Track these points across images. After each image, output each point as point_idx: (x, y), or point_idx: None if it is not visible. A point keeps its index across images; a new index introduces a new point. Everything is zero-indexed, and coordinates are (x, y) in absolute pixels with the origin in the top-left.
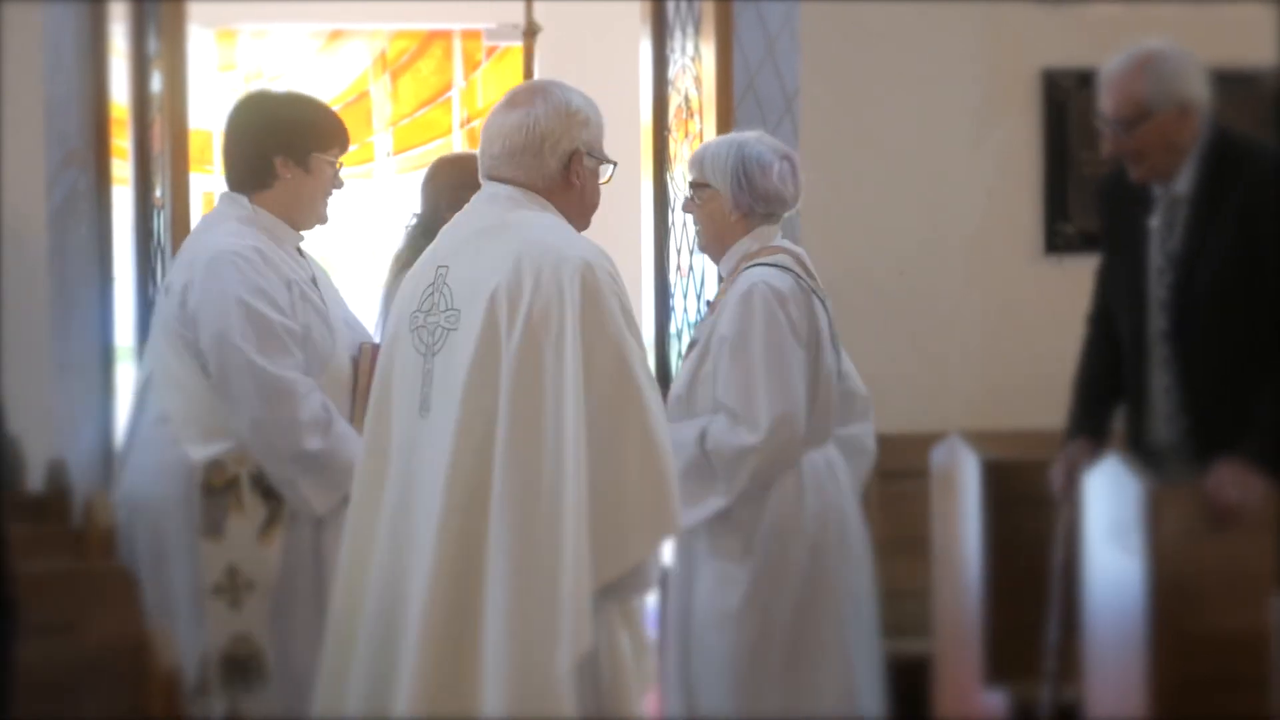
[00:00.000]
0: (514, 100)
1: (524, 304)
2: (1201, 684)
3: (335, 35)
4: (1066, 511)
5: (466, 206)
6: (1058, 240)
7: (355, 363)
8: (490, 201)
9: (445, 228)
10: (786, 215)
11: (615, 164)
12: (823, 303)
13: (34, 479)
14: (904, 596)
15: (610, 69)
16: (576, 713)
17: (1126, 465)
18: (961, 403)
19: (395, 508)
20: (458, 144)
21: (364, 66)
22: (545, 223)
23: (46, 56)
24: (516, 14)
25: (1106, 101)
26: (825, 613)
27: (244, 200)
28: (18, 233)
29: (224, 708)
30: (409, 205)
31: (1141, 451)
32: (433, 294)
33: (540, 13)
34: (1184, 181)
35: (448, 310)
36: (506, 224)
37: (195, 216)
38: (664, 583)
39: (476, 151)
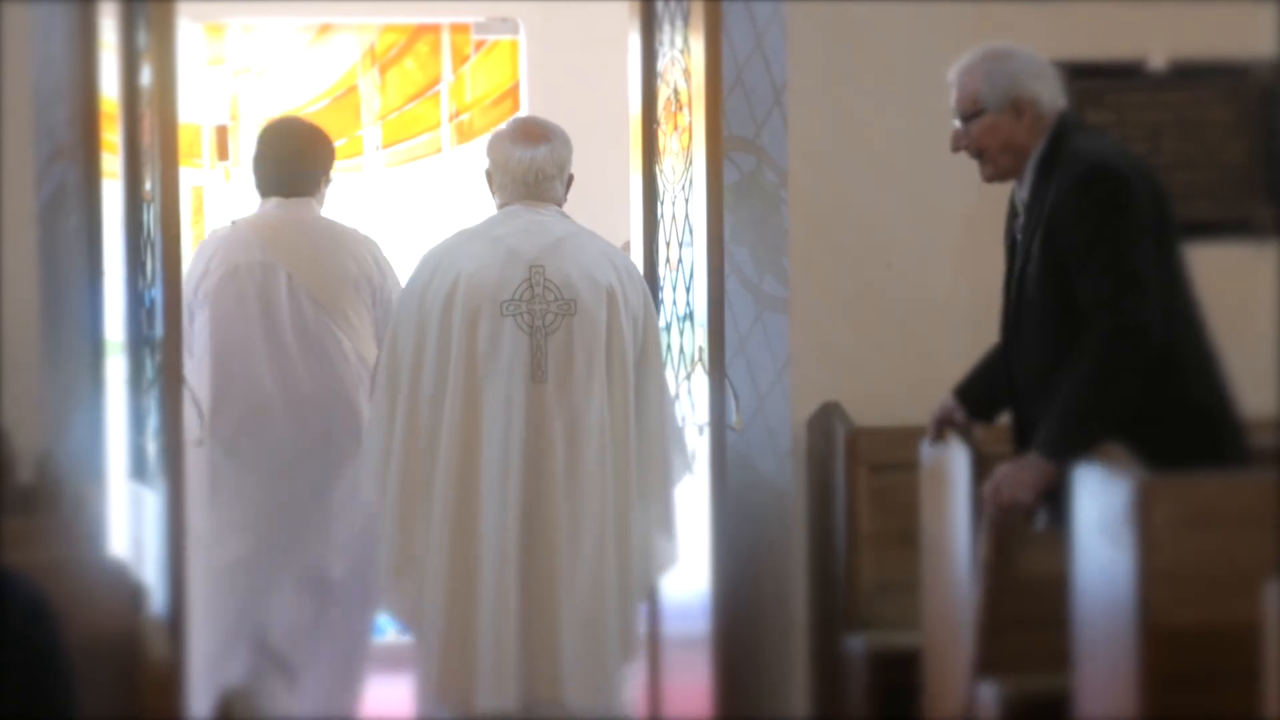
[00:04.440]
0: (531, 136)
1: (629, 301)
2: (1191, 678)
3: (324, 29)
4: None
5: (509, 221)
6: None
7: None
8: (544, 215)
9: (500, 235)
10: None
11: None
12: None
13: (24, 471)
14: (893, 589)
15: (599, 62)
16: None
17: (1116, 459)
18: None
19: (516, 458)
20: (446, 138)
21: (352, 60)
22: (595, 235)
23: (35, 51)
24: (505, 8)
25: (952, 96)
26: None
27: None
28: (7, 227)
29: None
30: (398, 198)
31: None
32: (530, 286)
33: (529, 6)
34: (1025, 188)
35: (559, 300)
36: (576, 233)
37: (184, 210)
38: None
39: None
